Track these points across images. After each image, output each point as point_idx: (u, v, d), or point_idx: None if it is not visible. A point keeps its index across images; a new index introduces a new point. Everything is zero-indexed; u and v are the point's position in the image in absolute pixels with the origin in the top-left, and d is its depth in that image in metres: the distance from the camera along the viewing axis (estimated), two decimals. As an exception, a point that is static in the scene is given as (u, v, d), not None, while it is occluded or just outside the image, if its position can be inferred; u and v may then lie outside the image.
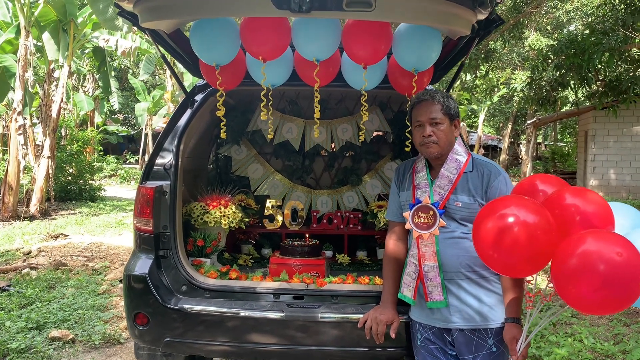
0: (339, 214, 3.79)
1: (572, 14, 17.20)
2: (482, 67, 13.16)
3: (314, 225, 3.76)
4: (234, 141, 4.03)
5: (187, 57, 3.04)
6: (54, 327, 4.71)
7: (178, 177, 2.95)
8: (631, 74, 11.13)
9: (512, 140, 30.30)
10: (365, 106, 2.71)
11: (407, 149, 2.80)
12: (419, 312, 2.43)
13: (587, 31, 10.64)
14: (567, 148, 28.20)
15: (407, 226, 2.39)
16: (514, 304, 2.23)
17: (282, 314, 2.65)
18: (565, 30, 18.18)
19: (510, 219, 1.81)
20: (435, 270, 2.32)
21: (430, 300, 2.33)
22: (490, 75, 15.40)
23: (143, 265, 2.85)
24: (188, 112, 3.12)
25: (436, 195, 2.36)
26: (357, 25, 2.37)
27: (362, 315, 2.52)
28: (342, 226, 3.74)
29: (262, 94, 2.70)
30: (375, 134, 4.19)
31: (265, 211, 3.77)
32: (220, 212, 3.20)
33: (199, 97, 3.18)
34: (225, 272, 3.00)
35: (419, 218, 2.36)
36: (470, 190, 2.33)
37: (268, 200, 3.81)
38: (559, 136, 31.51)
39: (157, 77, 31.09)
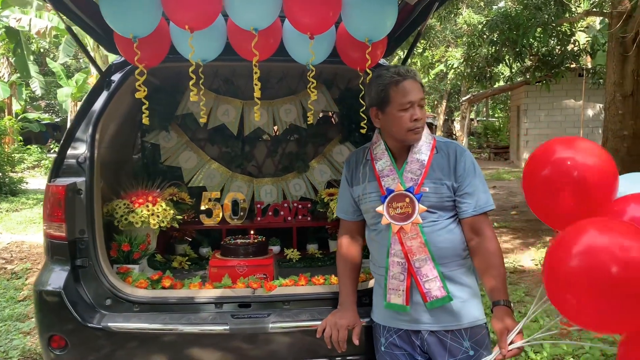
0: (285, 204, 3.43)
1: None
2: (419, 44, 13.10)
3: (258, 219, 3.38)
4: (162, 127, 3.56)
5: (98, 28, 2.57)
6: (-38, 346, 4.11)
7: (95, 172, 2.51)
8: (562, 49, 11.36)
9: (446, 117, 30.89)
10: (313, 83, 2.36)
11: (363, 131, 2.48)
12: (383, 314, 2.16)
13: (520, 6, 10.70)
14: (498, 123, 29.09)
15: (384, 221, 2.08)
16: (499, 283, 1.97)
17: (227, 327, 2.31)
18: (495, 7, 18.47)
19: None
20: (430, 263, 2.04)
21: (430, 299, 2.04)
22: (426, 53, 15.41)
23: (57, 279, 2.42)
24: (104, 95, 2.65)
25: (408, 181, 2.08)
26: (302, -14, 2.01)
27: (319, 323, 2.21)
28: (289, 218, 3.39)
29: (190, 70, 2.29)
30: (321, 114, 3.84)
31: (202, 205, 3.36)
32: (148, 210, 2.76)
33: (116, 77, 2.72)
34: (158, 280, 2.59)
35: (394, 209, 2.07)
36: (437, 174, 2.08)
37: (204, 193, 3.39)
38: (490, 112, 32.41)
39: (81, 60, 29.29)
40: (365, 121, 2.27)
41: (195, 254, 3.38)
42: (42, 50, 24.72)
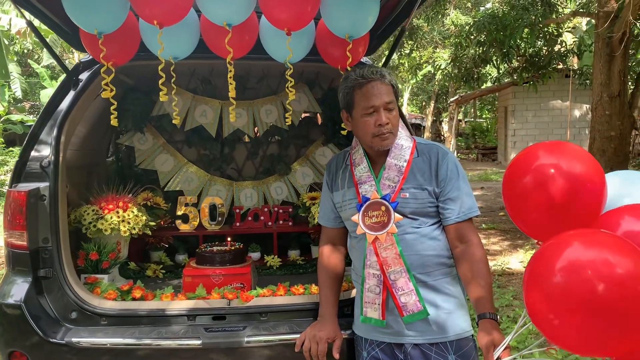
0: (266, 209, 3.29)
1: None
2: (406, 45, 13.02)
3: (237, 224, 3.24)
4: (137, 128, 3.40)
5: (63, 24, 2.43)
6: None
7: (60, 176, 2.36)
8: (550, 50, 11.35)
9: (434, 118, 30.90)
10: (291, 82, 2.23)
11: (344, 132, 2.36)
12: (365, 326, 2.04)
13: (507, 7, 10.67)
14: (485, 124, 29.17)
15: (359, 231, 1.97)
16: (485, 293, 1.84)
17: (199, 341, 2.17)
18: (482, 8, 18.47)
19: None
20: (405, 275, 1.92)
21: (407, 313, 1.92)
22: (413, 54, 15.35)
23: (17, 291, 2.27)
24: (71, 95, 2.50)
25: (385, 189, 1.97)
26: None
27: (298, 335, 2.08)
28: (270, 223, 3.25)
29: (160, 68, 2.15)
30: (304, 115, 3.70)
31: (178, 210, 3.21)
32: (118, 217, 2.61)
33: (84, 76, 2.58)
34: (128, 290, 2.44)
35: (370, 218, 1.96)
36: (418, 179, 1.97)
37: (181, 197, 3.25)
38: (478, 113, 32.49)
39: (67, 60, 28.88)
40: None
41: (171, 261, 3.23)
42: (25, 51, 24.30)
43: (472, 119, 32.13)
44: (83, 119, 2.74)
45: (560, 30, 11.13)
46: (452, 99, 22.11)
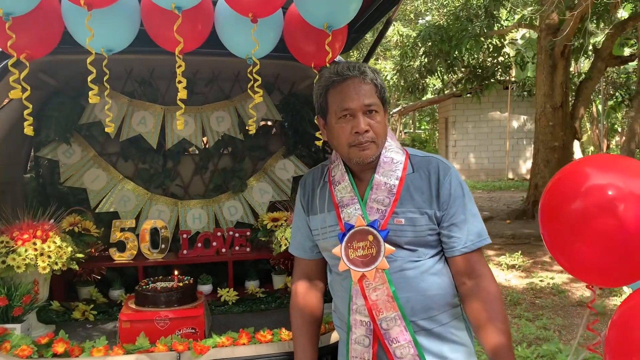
0: (219, 233, 2.80)
1: (429, 4, 17.65)
2: (351, 56, 12.87)
3: (185, 252, 2.73)
4: (62, 138, 2.84)
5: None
6: None
7: None
8: (494, 61, 11.50)
9: (376, 129, 31.10)
10: (257, 81, 1.81)
11: (319, 142, 1.96)
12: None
13: (452, 18, 10.70)
14: (424, 135, 29.67)
15: (342, 267, 1.55)
16: (505, 341, 1.48)
17: (142, 412, 1.68)
18: (421, 20, 18.68)
19: None
20: (400, 323, 1.53)
21: None
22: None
23: None
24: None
25: (373, 213, 1.58)
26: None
27: None
28: (224, 250, 2.76)
29: (89, 61, 1.68)
30: (261, 123, 3.26)
31: (112, 236, 2.68)
32: (36, 250, 2.07)
33: (-9, 73, 2.06)
34: (47, 344, 1.92)
35: (355, 251, 1.56)
36: (415, 200, 1.58)
37: (115, 221, 2.72)
38: (417, 124, 33.01)
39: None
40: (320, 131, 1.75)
41: (105, 297, 2.69)
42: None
43: (411, 130, 32.61)
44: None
45: (504, 42, 11.29)
46: (394, 110, 22.26)
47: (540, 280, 5.99)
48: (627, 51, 12.68)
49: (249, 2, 1.66)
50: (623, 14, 11.70)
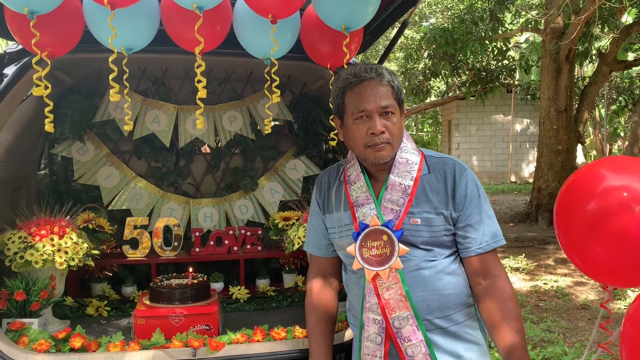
0: (231, 231, 2.83)
1: (434, 7, 17.68)
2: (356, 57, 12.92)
3: (197, 250, 2.76)
4: (76, 136, 2.87)
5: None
6: None
7: None
8: (499, 64, 11.51)
9: (379, 131, 31.09)
10: (275, 81, 1.84)
11: (333, 143, 1.99)
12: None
13: (457, 20, 10.74)
14: (426, 137, 29.65)
15: (357, 265, 1.58)
16: (520, 341, 1.49)
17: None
18: (425, 23, 18.71)
19: None
20: (412, 322, 1.56)
21: None
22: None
23: None
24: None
25: (388, 213, 1.60)
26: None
27: None
28: (235, 248, 2.79)
29: (111, 60, 1.70)
30: (273, 123, 3.29)
31: (126, 233, 2.71)
32: (53, 245, 2.10)
33: (11, 70, 2.09)
34: (65, 339, 1.95)
35: (370, 250, 1.58)
36: (432, 200, 1.61)
37: (129, 218, 2.75)
38: (419, 126, 33.02)
39: None
40: (336, 131, 1.78)
41: (117, 294, 2.71)
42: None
43: (414, 133, 32.62)
44: (9, 123, 2.24)
45: (508, 45, 11.31)
46: (397, 112, 22.25)
47: (544, 283, 6.01)
48: (630, 56, 12.70)
49: (269, 3, 1.69)
50: (627, 18, 11.71)
